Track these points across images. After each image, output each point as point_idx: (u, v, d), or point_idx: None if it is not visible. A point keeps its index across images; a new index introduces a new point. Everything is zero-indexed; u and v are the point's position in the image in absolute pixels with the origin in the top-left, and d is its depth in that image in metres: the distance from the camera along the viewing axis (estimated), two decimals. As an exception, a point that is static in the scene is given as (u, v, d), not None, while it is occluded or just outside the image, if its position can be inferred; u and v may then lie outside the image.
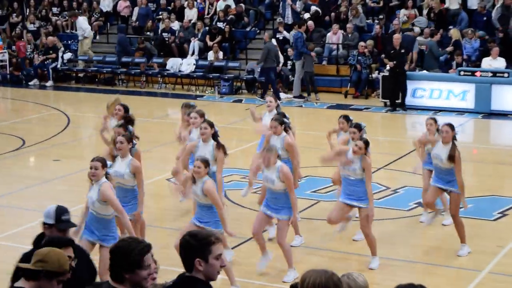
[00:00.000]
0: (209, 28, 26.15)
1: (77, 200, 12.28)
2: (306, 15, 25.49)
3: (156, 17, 27.90)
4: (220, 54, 25.25)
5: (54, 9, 30.10)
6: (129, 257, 4.67)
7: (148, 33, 27.30)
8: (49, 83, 26.43)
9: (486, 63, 21.37)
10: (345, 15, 25.37)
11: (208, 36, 25.89)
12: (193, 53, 25.89)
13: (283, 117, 11.28)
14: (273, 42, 23.44)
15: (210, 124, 10.46)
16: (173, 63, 25.57)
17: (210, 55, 25.29)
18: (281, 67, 23.88)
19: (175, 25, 26.95)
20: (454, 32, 22.64)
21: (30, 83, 26.57)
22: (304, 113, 21.73)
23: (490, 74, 20.67)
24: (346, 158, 9.92)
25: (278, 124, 10.89)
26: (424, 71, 21.90)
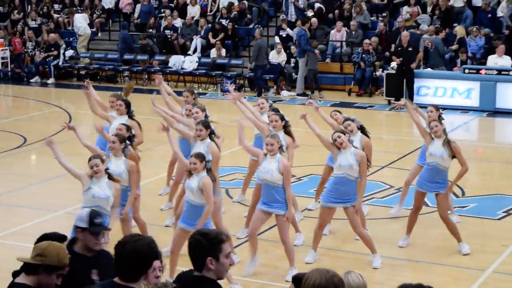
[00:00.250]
0: (213, 24, 26.07)
1: (78, 199, 12.17)
2: (310, 13, 25.40)
3: (159, 15, 27.80)
4: (223, 52, 25.16)
5: (56, 6, 30.03)
6: (145, 259, 4.69)
7: (150, 30, 27.22)
8: (50, 81, 26.36)
9: (492, 61, 21.26)
10: (348, 12, 25.28)
11: (210, 34, 25.81)
12: (195, 51, 25.81)
13: (276, 111, 11.33)
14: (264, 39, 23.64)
15: (206, 126, 10.36)
16: (176, 61, 25.49)
17: (213, 52, 25.20)
18: (284, 65, 23.82)
19: (178, 22, 26.87)
20: (459, 30, 22.53)
21: (32, 80, 26.52)
22: (307, 111, 21.37)
23: (495, 72, 20.56)
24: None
25: (279, 118, 10.81)
26: (428, 69, 21.79)
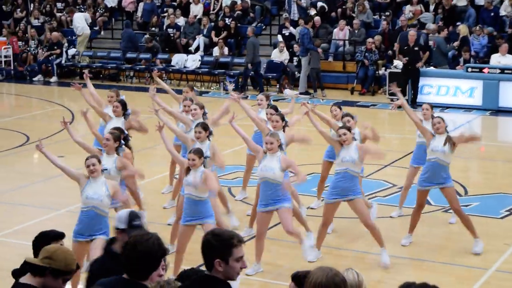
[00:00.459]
0: (215, 22, 26.05)
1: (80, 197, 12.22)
2: (312, 11, 25.38)
3: (162, 14, 27.78)
4: (226, 50, 25.15)
5: (59, 5, 30.05)
6: (156, 258, 4.73)
7: (153, 29, 27.21)
8: (53, 79, 26.38)
9: (495, 59, 21.24)
10: (351, 11, 25.25)
11: (213, 32, 25.80)
12: (197, 49, 25.78)
13: (275, 110, 11.31)
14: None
15: (204, 128, 10.37)
16: (178, 59, 25.48)
17: (216, 51, 25.19)
18: (287, 64, 23.81)
19: (180, 20, 26.86)
20: (462, 28, 22.49)
21: (34, 78, 26.53)
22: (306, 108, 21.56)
23: (498, 71, 20.55)
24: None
25: (280, 119, 10.83)
26: (431, 68, 21.76)
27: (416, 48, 20.96)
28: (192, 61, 25.25)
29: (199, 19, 26.79)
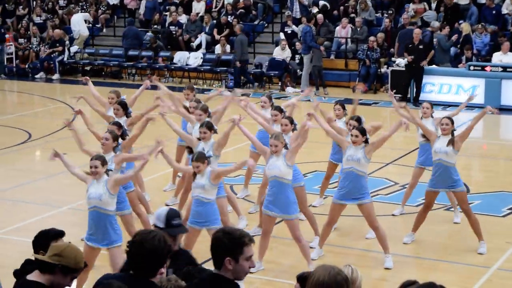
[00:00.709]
0: (218, 20, 26.04)
1: (83, 194, 12.17)
2: (314, 9, 25.36)
3: (164, 12, 27.76)
4: (228, 48, 25.14)
5: (61, 2, 30.03)
6: (162, 255, 4.74)
7: (155, 26, 27.21)
8: (55, 76, 26.37)
9: (497, 58, 21.22)
10: (353, 9, 25.22)
11: (215, 30, 25.79)
12: (199, 47, 25.77)
13: (280, 111, 11.27)
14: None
15: (209, 127, 10.38)
16: (180, 57, 25.47)
17: (218, 48, 25.17)
18: (289, 61, 23.80)
19: (183, 18, 26.85)
20: (465, 27, 22.46)
21: (37, 76, 26.51)
22: (312, 107, 21.55)
23: (500, 69, 20.53)
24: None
25: (289, 122, 10.79)
26: (433, 66, 21.72)
27: (421, 47, 20.91)
28: (194, 59, 25.24)
29: (201, 16, 26.77)
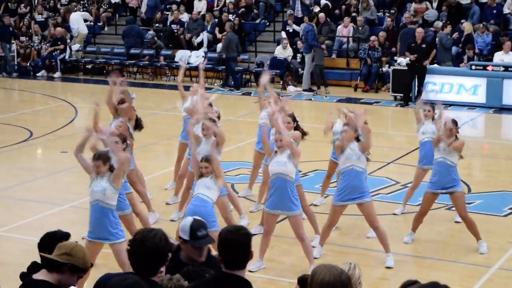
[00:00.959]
0: (219, 18, 26.02)
1: (85, 192, 12.15)
2: (316, 9, 25.36)
3: (166, 12, 27.75)
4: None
5: (63, 0, 30.03)
6: (163, 253, 4.74)
7: (157, 25, 27.20)
8: (57, 75, 26.36)
9: (498, 57, 21.20)
10: (355, 8, 25.21)
11: (217, 28, 25.78)
12: (200, 45, 25.76)
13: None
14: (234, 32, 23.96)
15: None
16: (182, 55, 25.46)
17: (219, 47, 25.16)
18: (291, 60, 23.79)
19: (184, 16, 26.85)
20: (467, 26, 22.44)
21: (38, 74, 26.51)
22: (313, 106, 21.63)
23: (502, 69, 20.51)
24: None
25: (291, 120, 10.78)
26: (435, 65, 21.71)
27: (424, 46, 20.89)
28: (195, 57, 25.22)
29: (203, 15, 26.77)
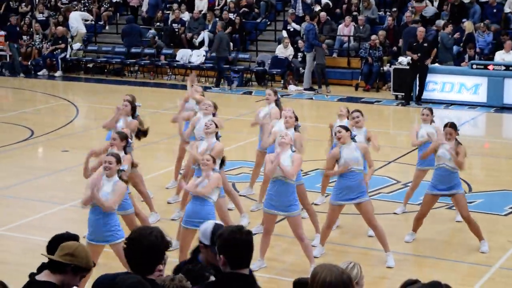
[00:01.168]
0: (220, 17, 26.03)
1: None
2: (317, 8, 25.35)
3: (167, 11, 27.75)
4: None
5: (64, -1, 30.07)
6: (160, 251, 4.71)
7: (158, 24, 27.21)
8: (58, 73, 26.37)
9: (499, 56, 21.19)
10: (356, 7, 25.21)
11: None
12: (201, 44, 25.77)
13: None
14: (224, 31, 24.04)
15: (216, 125, 10.41)
16: (183, 54, 25.46)
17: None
18: (292, 59, 23.79)
19: (185, 15, 26.85)
20: (468, 25, 22.43)
21: (39, 73, 26.53)
22: (314, 105, 21.63)
23: (503, 68, 20.50)
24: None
25: (293, 115, 10.84)
26: (436, 64, 21.70)
27: (425, 45, 20.88)
28: (196, 56, 25.23)
29: (204, 14, 26.77)
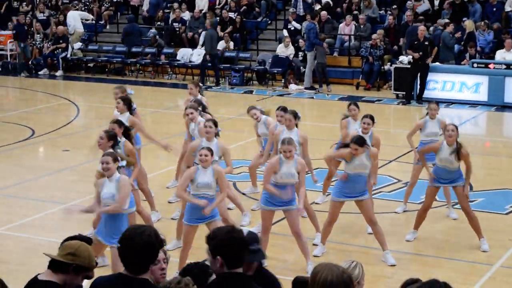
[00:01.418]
0: (220, 16, 26.02)
1: (86, 191, 12.25)
2: (317, 7, 25.34)
3: (168, 10, 27.74)
4: (231, 44, 25.13)
5: (64, -2, 30.08)
6: (154, 249, 4.66)
7: (158, 23, 27.21)
8: (58, 73, 26.38)
9: (500, 55, 21.18)
10: (356, 6, 25.20)
11: (219, 26, 25.79)
12: (203, 44, 25.78)
13: (285, 111, 11.27)
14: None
15: (215, 123, 10.37)
16: (184, 54, 25.46)
17: (221, 44, 25.15)
18: (292, 58, 23.79)
19: (186, 15, 26.86)
20: (469, 24, 22.42)
21: (40, 72, 26.54)
22: (315, 104, 21.62)
23: (504, 67, 20.48)
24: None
25: (293, 117, 10.73)
26: (437, 63, 21.69)
27: (426, 43, 20.87)
28: (197, 56, 25.22)
29: (205, 13, 26.76)
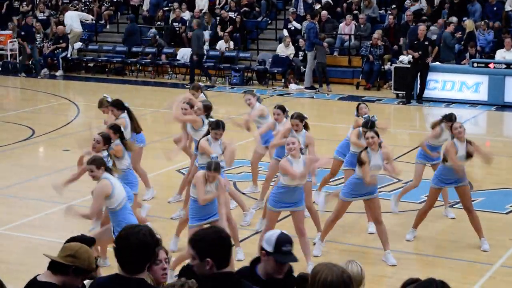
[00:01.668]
0: (220, 15, 26.02)
1: (86, 191, 12.21)
2: (317, 6, 25.35)
3: (167, 9, 27.74)
4: (231, 44, 25.12)
5: (64, -2, 30.08)
6: (150, 248, 4.62)
7: (158, 23, 27.21)
8: (59, 73, 26.38)
9: (500, 55, 21.18)
10: (357, 6, 25.20)
11: (219, 26, 25.79)
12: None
13: (283, 110, 11.23)
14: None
15: (223, 127, 10.40)
16: (184, 53, 25.46)
17: (221, 44, 25.15)
18: (293, 58, 23.79)
19: (186, 15, 26.86)
20: (469, 23, 22.41)
21: (40, 72, 26.53)
22: (315, 104, 21.62)
23: (504, 66, 20.48)
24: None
25: (299, 122, 10.65)
26: (437, 63, 21.69)
27: (426, 43, 20.86)
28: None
29: (205, 13, 26.77)
